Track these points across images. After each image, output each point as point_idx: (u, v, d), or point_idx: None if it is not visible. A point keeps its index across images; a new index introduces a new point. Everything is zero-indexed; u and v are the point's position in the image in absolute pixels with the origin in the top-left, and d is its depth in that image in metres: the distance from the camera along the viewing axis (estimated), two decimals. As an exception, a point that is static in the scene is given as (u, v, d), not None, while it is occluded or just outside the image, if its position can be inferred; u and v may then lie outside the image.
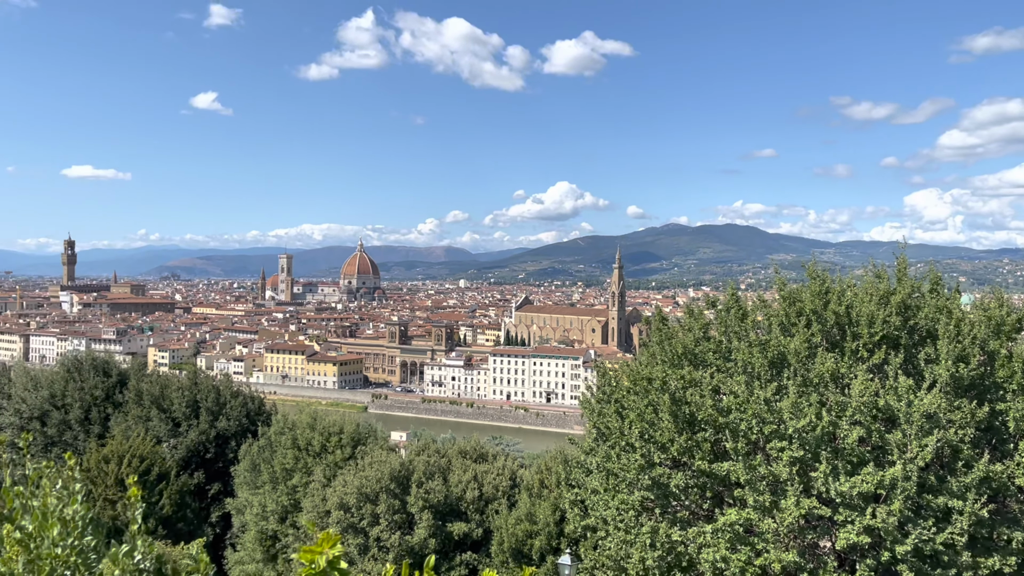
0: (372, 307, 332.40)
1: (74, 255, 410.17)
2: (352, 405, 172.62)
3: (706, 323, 20.66)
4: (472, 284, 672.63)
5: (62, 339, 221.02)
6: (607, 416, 20.08)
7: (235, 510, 34.74)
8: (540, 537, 24.63)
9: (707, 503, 18.28)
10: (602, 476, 19.52)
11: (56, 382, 42.31)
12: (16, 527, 3.80)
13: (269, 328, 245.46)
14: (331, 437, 32.81)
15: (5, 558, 3.68)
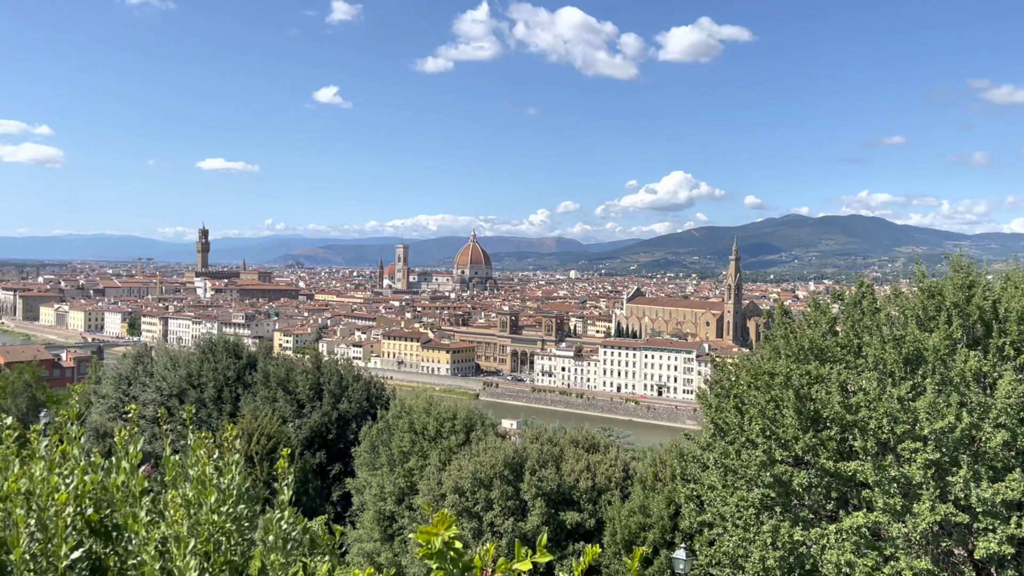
0: (484, 297, 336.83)
1: (207, 243, 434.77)
2: (464, 392, 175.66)
3: (833, 317, 19.84)
4: (583, 275, 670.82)
5: (197, 322, 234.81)
6: (725, 411, 19.60)
7: (355, 490, 35.97)
8: (654, 530, 24.34)
9: (831, 503, 17.59)
10: (720, 472, 19.09)
11: (193, 362, 44.96)
12: (179, 494, 4.04)
13: (386, 315, 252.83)
14: (446, 422, 33.45)
15: (170, 521, 3.92)
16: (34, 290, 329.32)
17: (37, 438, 4.48)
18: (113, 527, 4.41)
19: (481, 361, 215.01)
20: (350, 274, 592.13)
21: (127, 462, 4.42)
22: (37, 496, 4.02)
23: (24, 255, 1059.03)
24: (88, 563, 4.07)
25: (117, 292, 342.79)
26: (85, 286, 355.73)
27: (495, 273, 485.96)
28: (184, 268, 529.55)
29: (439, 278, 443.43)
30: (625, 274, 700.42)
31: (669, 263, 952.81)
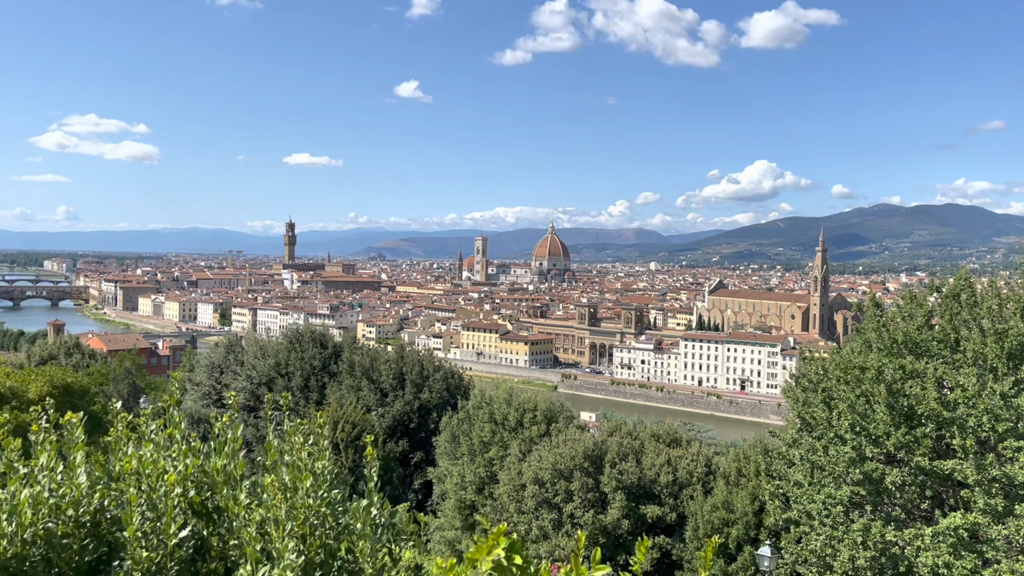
0: (562, 289, 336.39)
1: (294, 236, 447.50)
2: (542, 384, 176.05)
3: (929, 310, 19.05)
4: (663, 267, 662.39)
5: (284, 313, 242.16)
6: (813, 406, 19.07)
7: (436, 479, 36.52)
8: (737, 526, 23.93)
9: (925, 503, 16.93)
10: (806, 468, 18.60)
11: (281, 352, 46.38)
12: (276, 478, 4.19)
13: (465, 307, 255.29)
14: (526, 413, 33.60)
15: (268, 505, 4.07)
16: (133, 282, 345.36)
17: (146, 422, 4.71)
18: (214, 509, 4.60)
19: (559, 353, 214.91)
20: (430, 266, 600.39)
21: (227, 447, 4.61)
22: (147, 477, 4.23)
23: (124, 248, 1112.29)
24: (193, 542, 4.26)
25: (209, 284, 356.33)
26: (180, 278, 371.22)
27: (573, 265, 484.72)
28: (272, 260, 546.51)
29: (517, 270, 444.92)
30: (707, 266, 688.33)
31: (752, 255, 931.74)
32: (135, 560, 3.98)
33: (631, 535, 26.08)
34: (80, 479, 4.34)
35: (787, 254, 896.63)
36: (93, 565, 4.26)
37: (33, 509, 4.09)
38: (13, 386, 19.78)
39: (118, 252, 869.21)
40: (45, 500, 4.16)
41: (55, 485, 4.30)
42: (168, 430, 4.69)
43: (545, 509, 27.32)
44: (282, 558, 3.74)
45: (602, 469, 27.56)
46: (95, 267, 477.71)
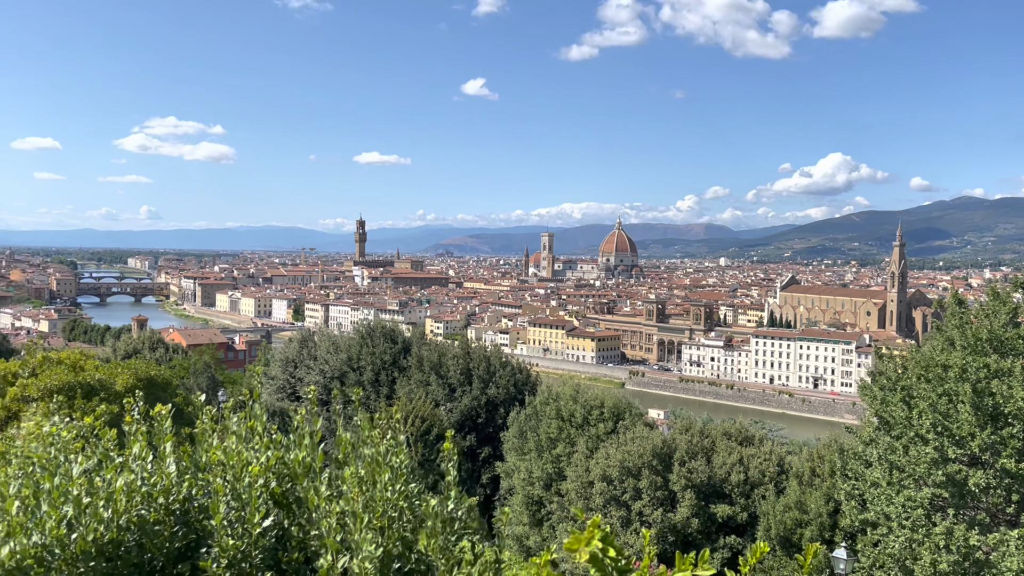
0: (629, 285, 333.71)
1: (364, 234, 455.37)
2: (609, 380, 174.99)
3: (1014, 307, 18.27)
4: (733, 262, 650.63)
5: (355, 309, 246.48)
6: (891, 405, 18.51)
7: (504, 474, 36.74)
8: (811, 527, 23.40)
9: (1011, 506, 16.27)
10: (884, 469, 18.07)
11: (352, 347, 47.32)
12: (353, 472, 4.29)
13: (532, 303, 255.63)
14: (593, 410, 33.50)
15: (347, 498, 4.18)
16: (211, 278, 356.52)
17: (230, 414, 4.88)
18: (295, 500, 4.74)
19: (626, 350, 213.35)
20: (497, 262, 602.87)
21: (307, 439, 4.75)
22: (232, 468, 4.39)
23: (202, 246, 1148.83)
24: (275, 532, 4.41)
25: (283, 280, 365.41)
26: (255, 274, 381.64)
27: (641, 261, 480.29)
28: (343, 257, 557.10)
29: (584, 266, 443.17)
30: (778, 261, 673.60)
31: (826, 250, 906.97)
32: (222, 548, 4.13)
33: (701, 534, 25.78)
34: (169, 469, 4.53)
35: (862, 249, 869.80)
36: (182, 551, 4.45)
37: (127, 496, 4.29)
38: (101, 378, 20.68)
39: (197, 250, 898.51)
40: (138, 488, 4.36)
41: (146, 474, 4.50)
42: (250, 423, 4.85)
43: (613, 507, 27.21)
44: (361, 549, 3.83)
45: (671, 467, 27.30)
46: (175, 264, 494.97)
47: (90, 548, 4.03)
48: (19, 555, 3.72)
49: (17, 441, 5.68)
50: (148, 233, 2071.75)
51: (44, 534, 3.89)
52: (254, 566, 4.21)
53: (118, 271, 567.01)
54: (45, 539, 3.89)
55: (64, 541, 3.95)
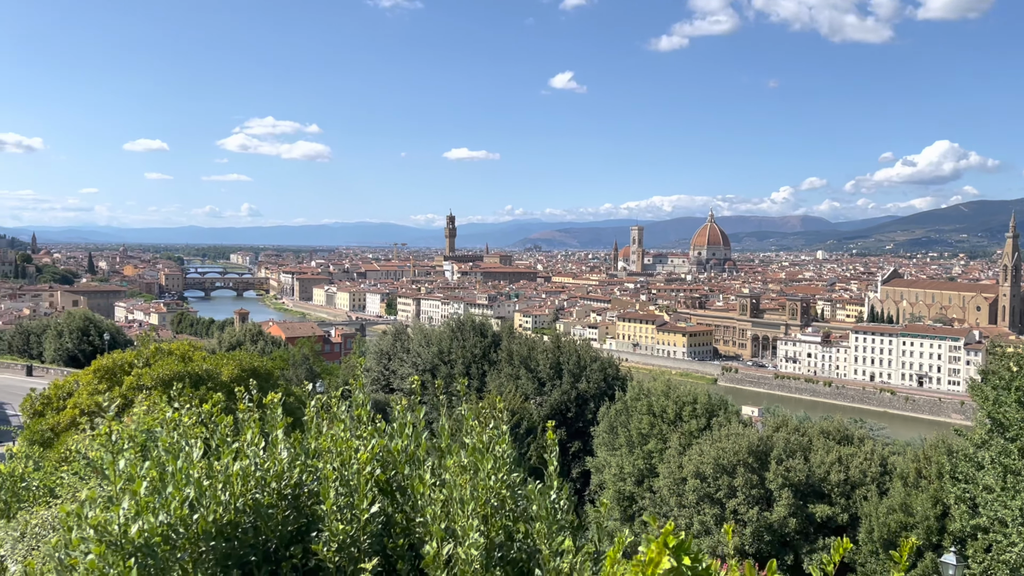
0: (722, 279, 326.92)
1: (454, 229, 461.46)
2: (701, 376, 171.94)
3: None
4: (831, 255, 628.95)
5: (445, 303, 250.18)
6: (1006, 405, 17.55)
7: (594, 468, 36.63)
8: (916, 530, 22.43)
9: None
10: (998, 472, 17.16)
11: (443, 340, 48.06)
12: (458, 459, 4.37)
13: (621, 297, 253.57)
14: (686, 406, 33.03)
15: (450, 486, 4.25)
16: (308, 273, 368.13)
17: (337, 402, 5.04)
18: (399, 487, 4.86)
19: (719, 345, 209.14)
20: (585, 256, 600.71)
21: (410, 428, 4.86)
22: (340, 455, 4.54)
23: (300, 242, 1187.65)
24: (381, 518, 4.53)
25: (376, 275, 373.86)
26: (349, 269, 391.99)
27: (734, 254, 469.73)
28: (434, 252, 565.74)
29: (675, 260, 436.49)
30: (879, 254, 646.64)
31: (931, 242, 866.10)
32: (332, 532, 4.28)
33: (799, 535, 25.07)
34: (281, 455, 4.71)
35: (971, 241, 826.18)
36: (294, 534, 4.62)
37: (243, 481, 4.49)
38: (208, 369, 21.67)
39: (294, 245, 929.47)
40: (252, 473, 4.56)
41: (260, 459, 4.70)
42: (356, 411, 5.00)
43: (707, 504, 26.76)
44: (467, 536, 3.90)
45: (767, 465, 26.65)
46: (274, 260, 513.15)
47: (210, 528, 4.24)
48: (147, 533, 3.94)
49: (131, 426, 6.03)
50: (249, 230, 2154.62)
51: (169, 514, 4.11)
52: (362, 551, 4.34)
53: (221, 266, 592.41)
54: (170, 518, 4.11)
55: (187, 521, 4.17)
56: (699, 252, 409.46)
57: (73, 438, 14.54)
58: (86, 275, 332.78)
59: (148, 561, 3.92)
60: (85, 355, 69.91)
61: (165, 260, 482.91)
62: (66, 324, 78.69)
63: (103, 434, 4.55)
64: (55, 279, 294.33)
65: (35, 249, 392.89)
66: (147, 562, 3.91)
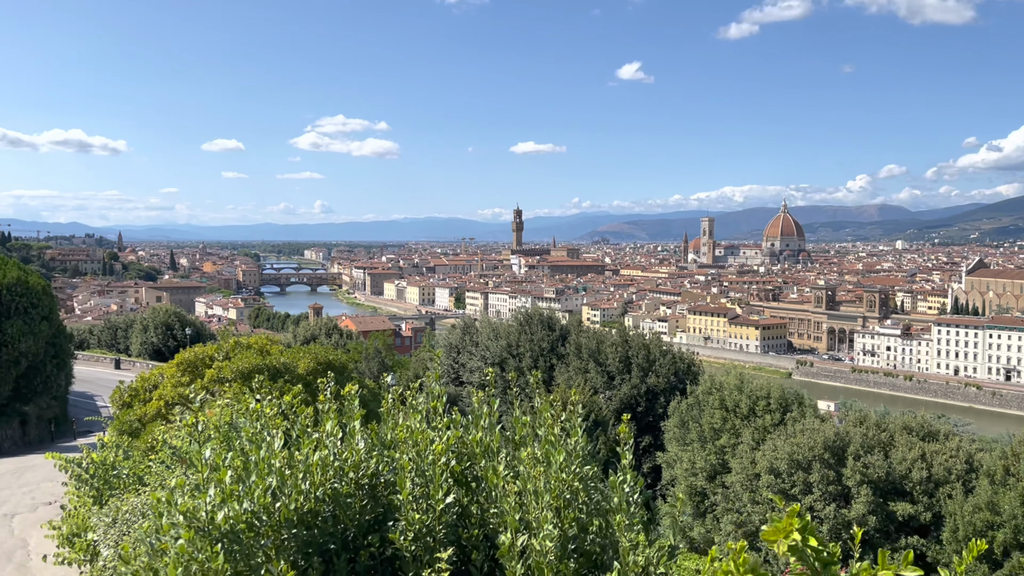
0: (796, 270, 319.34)
1: (521, 223, 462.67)
2: (775, 370, 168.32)
3: None
4: (911, 245, 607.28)
5: (512, 297, 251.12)
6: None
7: (665, 463, 36.26)
8: (1004, 530, 21.56)
9: None
10: (1095, 471, 16.33)
11: (512, 334, 48.22)
12: (530, 453, 4.39)
13: (691, 290, 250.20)
14: (759, 401, 32.39)
15: (523, 478, 4.28)
16: (379, 268, 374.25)
17: (414, 394, 5.12)
18: (473, 478, 4.92)
19: (793, 338, 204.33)
20: (654, 249, 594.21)
21: (485, 420, 4.91)
22: (416, 445, 4.62)
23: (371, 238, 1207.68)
24: (456, 509, 4.59)
25: (445, 269, 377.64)
26: (419, 264, 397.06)
27: (808, 245, 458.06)
28: (501, 246, 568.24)
29: (747, 251, 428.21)
30: (963, 243, 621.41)
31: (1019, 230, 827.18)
32: (408, 521, 4.36)
33: (879, 533, 24.36)
34: (359, 445, 4.82)
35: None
36: (371, 523, 4.73)
37: (322, 470, 4.61)
38: (286, 362, 22.26)
39: (365, 241, 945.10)
40: (331, 463, 4.68)
41: (338, 450, 4.82)
42: (432, 402, 5.08)
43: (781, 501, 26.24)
44: (541, 528, 3.92)
45: (844, 461, 25.96)
46: (346, 255, 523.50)
47: (292, 516, 4.37)
48: (232, 520, 4.09)
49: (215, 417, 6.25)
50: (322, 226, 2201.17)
51: (253, 502, 4.26)
52: (437, 540, 4.41)
53: (296, 262, 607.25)
54: (254, 506, 4.26)
55: (269, 509, 4.31)
56: (772, 243, 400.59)
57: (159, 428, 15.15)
58: (168, 272, 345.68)
59: (233, 547, 4.07)
60: (168, 349, 72.67)
61: (242, 257, 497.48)
62: (151, 319, 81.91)
63: (190, 424, 4.73)
64: (140, 276, 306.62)
65: (121, 247, 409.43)
66: (232, 548, 4.06)
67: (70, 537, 9.16)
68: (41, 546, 13.41)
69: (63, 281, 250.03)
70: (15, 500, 20.39)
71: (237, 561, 4.03)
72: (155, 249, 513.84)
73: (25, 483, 23.45)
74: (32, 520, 17.20)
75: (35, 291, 41.73)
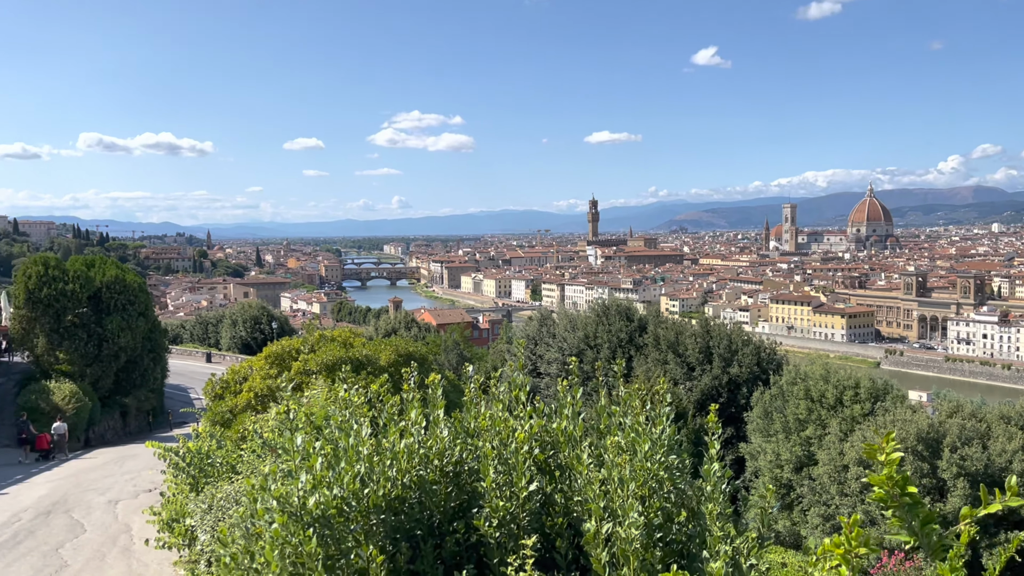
0: (883, 256, 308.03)
1: (597, 213, 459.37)
2: (862, 360, 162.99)
3: None
4: (1008, 228, 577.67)
5: (589, 288, 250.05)
6: None
7: (748, 455, 35.57)
8: (1117, 529, 20.38)
9: None
10: None
11: (589, 325, 48.02)
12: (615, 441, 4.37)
13: (773, 279, 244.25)
14: (846, 391, 31.42)
15: (609, 465, 4.26)
16: (455, 262, 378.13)
17: (495, 383, 5.16)
18: (557, 467, 4.93)
19: (881, 327, 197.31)
20: (734, 237, 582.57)
21: (568, 409, 4.91)
22: (499, 434, 4.65)
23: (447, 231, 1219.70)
24: (539, 497, 4.61)
25: (520, 261, 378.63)
26: (495, 257, 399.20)
27: (896, 230, 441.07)
28: (576, 238, 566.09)
29: (831, 238, 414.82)
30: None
31: None
32: (493, 508, 4.40)
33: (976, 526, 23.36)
34: (443, 433, 4.89)
35: None
36: (456, 510, 4.79)
37: (408, 458, 4.69)
38: (368, 354, 22.73)
39: (443, 235, 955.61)
40: (416, 450, 4.76)
41: (423, 438, 4.89)
42: (514, 392, 5.10)
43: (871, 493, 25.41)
44: (627, 516, 3.89)
45: (939, 453, 24.96)
46: (424, 249, 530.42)
47: (380, 502, 4.46)
48: (323, 505, 4.20)
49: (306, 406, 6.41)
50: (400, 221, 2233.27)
51: (342, 488, 4.37)
52: (521, 527, 4.44)
53: (375, 257, 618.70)
54: (343, 492, 4.37)
55: (359, 495, 4.41)
56: (858, 229, 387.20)
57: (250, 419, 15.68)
58: (254, 268, 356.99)
59: (325, 531, 4.18)
60: (256, 342, 75.20)
61: (324, 252, 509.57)
62: (239, 314, 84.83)
63: (283, 413, 4.88)
64: (228, 273, 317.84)
65: (210, 245, 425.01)
66: (324, 532, 4.17)
67: (169, 522, 9.59)
68: (143, 531, 14.08)
69: (157, 278, 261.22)
70: (118, 487, 21.43)
71: (328, 545, 4.14)
72: (242, 246, 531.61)
73: (127, 471, 24.64)
74: (134, 506, 18.04)
75: (132, 288, 43.68)
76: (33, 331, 40.59)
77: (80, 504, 18.99)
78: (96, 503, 19.05)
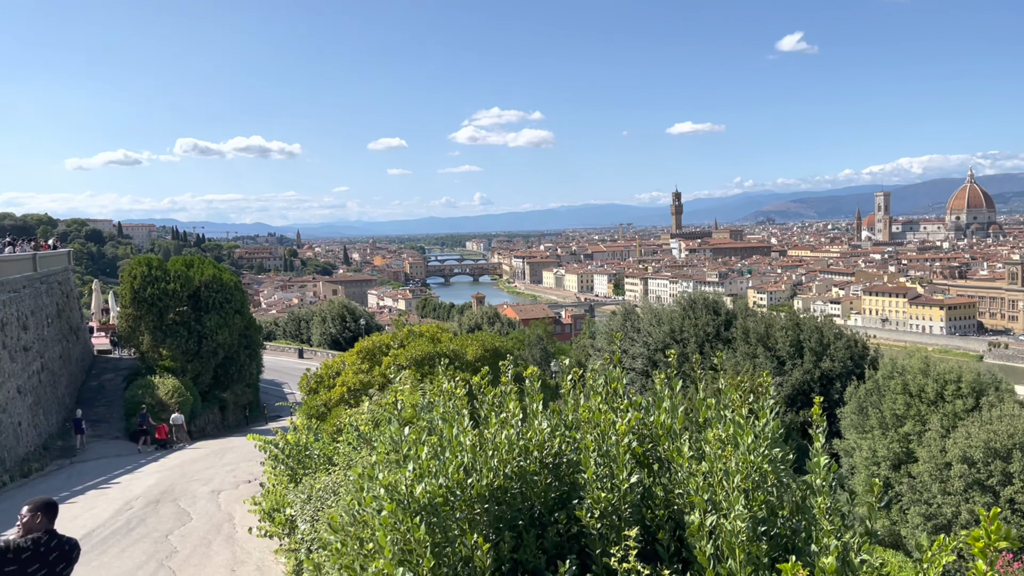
0: (985, 245, 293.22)
1: (680, 206, 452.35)
2: (963, 353, 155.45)
3: None
4: None
5: (673, 282, 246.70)
6: None
7: (842, 452, 34.51)
8: None
9: None
10: None
11: (675, 319, 47.40)
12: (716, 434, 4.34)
13: (866, 270, 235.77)
14: (947, 385, 30.11)
15: (711, 458, 4.24)
16: (537, 257, 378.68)
17: (594, 376, 5.20)
18: (656, 459, 4.93)
19: (984, 319, 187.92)
20: (824, 227, 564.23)
21: (667, 402, 4.91)
22: (599, 426, 4.69)
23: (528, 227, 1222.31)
24: (639, 489, 4.63)
25: (602, 256, 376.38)
26: (576, 252, 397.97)
27: (1000, 217, 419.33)
28: (659, 231, 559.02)
29: (927, 226, 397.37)
30: None
31: None
32: (594, 500, 4.44)
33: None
34: (542, 425, 4.96)
35: None
36: (556, 501, 4.86)
37: (508, 449, 4.78)
38: (455, 349, 23.08)
39: (524, 231, 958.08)
40: (516, 442, 4.84)
41: (522, 429, 4.98)
42: (612, 384, 5.13)
43: (977, 491, 24.32)
44: (732, 508, 3.88)
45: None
46: (505, 245, 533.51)
47: (483, 492, 4.57)
48: (429, 493, 4.33)
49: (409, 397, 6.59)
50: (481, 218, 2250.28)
51: (447, 477, 4.49)
52: (623, 519, 4.46)
53: (458, 254, 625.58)
54: (448, 481, 4.49)
55: (463, 484, 4.53)
56: (957, 216, 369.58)
57: (344, 412, 16.14)
58: (342, 266, 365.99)
59: (431, 519, 4.31)
60: (344, 339, 77.17)
61: (408, 250, 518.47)
62: (328, 311, 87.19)
63: (390, 403, 5.04)
64: (317, 271, 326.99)
65: (299, 244, 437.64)
66: (431, 520, 4.30)
67: (270, 512, 9.99)
68: (244, 520, 14.69)
69: (250, 277, 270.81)
70: (220, 478, 22.39)
71: (435, 532, 4.27)
72: (329, 245, 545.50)
73: (227, 462, 25.71)
74: (235, 496, 18.82)
75: (228, 287, 45.47)
76: (138, 329, 42.73)
77: (186, 494, 19.93)
78: (200, 493, 19.96)
